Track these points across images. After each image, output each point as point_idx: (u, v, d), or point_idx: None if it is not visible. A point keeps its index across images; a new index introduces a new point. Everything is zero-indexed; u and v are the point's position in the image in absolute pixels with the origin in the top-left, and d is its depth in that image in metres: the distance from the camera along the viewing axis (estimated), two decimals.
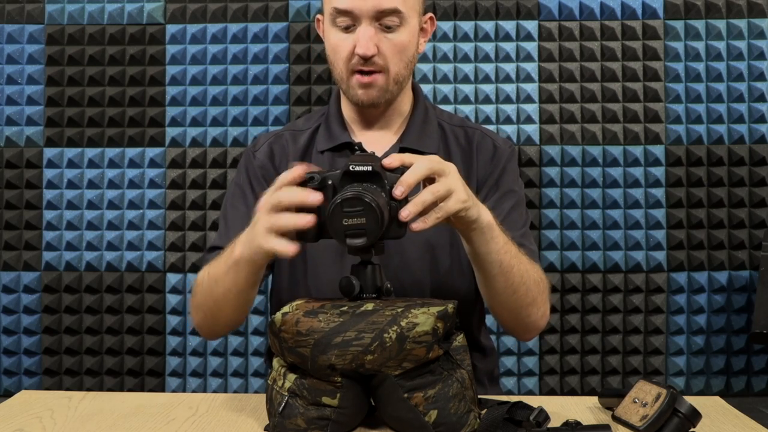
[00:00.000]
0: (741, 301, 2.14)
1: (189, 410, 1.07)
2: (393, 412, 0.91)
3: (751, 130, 2.15)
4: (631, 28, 2.18)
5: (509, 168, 1.31)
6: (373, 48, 1.18)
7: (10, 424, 1.00)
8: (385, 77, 1.21)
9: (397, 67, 1.22)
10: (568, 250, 2.17)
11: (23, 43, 2.22)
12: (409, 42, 1.22)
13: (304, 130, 1.34)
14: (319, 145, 1.29)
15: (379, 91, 1.22)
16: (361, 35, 1.18)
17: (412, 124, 1.29)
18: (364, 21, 1.18)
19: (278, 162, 1.30)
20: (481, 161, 1.29)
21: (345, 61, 1.21)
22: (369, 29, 1.18)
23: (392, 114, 1.30)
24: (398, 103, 1.29)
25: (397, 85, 1.24)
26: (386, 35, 1.20)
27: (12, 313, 2.20)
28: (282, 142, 1.32)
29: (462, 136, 1.32)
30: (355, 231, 0.92)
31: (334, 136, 1.28)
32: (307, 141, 1.31)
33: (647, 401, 0.94)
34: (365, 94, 1.22)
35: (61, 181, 2.21)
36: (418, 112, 1.31)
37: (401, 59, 1.22)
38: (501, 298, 1.14)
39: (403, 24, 1.21)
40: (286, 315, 0.91)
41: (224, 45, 2.21)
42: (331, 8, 1.20)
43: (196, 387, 2.20)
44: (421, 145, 1.27)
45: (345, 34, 1.20)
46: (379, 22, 1.19)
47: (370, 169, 0.94)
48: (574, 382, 2.17)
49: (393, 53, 1.20)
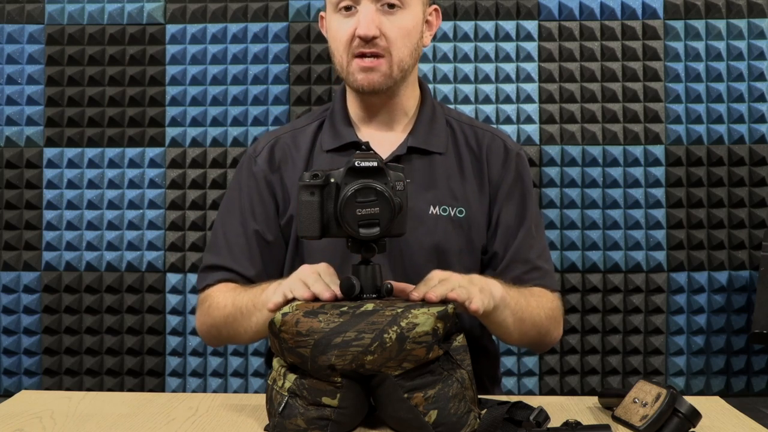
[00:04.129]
0: (741, 301, 2.14)
1: (189, 410, 1.07)
2: (393, 412, 0.91)
3: (751, 130, 2.15)
4: (631, 28, 2.18)
5: (523, 174, 1.28)
6: (375, 29, 1.15)
7: (10, 424, 1.00)
8: (387, 62, 1.17)
9: (401, 52, 1.18)
10: (568, 250, 2.17)
11: (23, 43, 2.22)
12: (413, 27, 1.19)
13: (304, 127, 1.31)
14: (325, 144, 1.26)
15: (381, 76, 1.18)
16: (362, 16, 1.15)
17: (420, 122, 1.26)
18: (365, 1, 1.16)
19: (280, 165, 1.28)
20: (493, 165, 1.27)
21: (345, 45, 1.17)
22: (370, 8, 1.15)
23: (397, 109, 1.27)
24: (403, 98, 1.26)
25: (401, 73, 1.20)
26: (388, 17, 1.17)
27: (12, 313, 2.20)
28: (282, 145, 1.29)
29: (472, 135, 1.29)
30: (369, 221, 0.93)
31: (340, 134, 1.25)
32: (311, 140, 1.28)
33: (647, 401, 0.94)
34: (366, 78, 1.18)
35: (61, 181, 2.21)
36: (425, 109, 1.28)
37: (405, 44, 1.18)
38: (512, 341, 1.19)
39: (405, 6, 1.17)
40: (286, 315, 0.91)
41: (224, 45, 2.21)
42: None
43: (196, 387, 2.19)
44: (429, 144, 1.25)
45: (346, 20, 1.18)
46: (380, 3, 1.16)
47: (375, 165, 0.94)
48: (574, 382, 2.17)
49: (396, 36, 1.17)
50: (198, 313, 1.28)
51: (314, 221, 0.98)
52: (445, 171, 1.25)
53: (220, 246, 1.27)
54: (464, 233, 1.23)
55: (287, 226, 1.26)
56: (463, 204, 1.24)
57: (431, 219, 1.22)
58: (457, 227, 1.23)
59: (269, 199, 1.27)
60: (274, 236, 1.26)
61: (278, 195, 1.27)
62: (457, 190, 1.24)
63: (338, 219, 0.95)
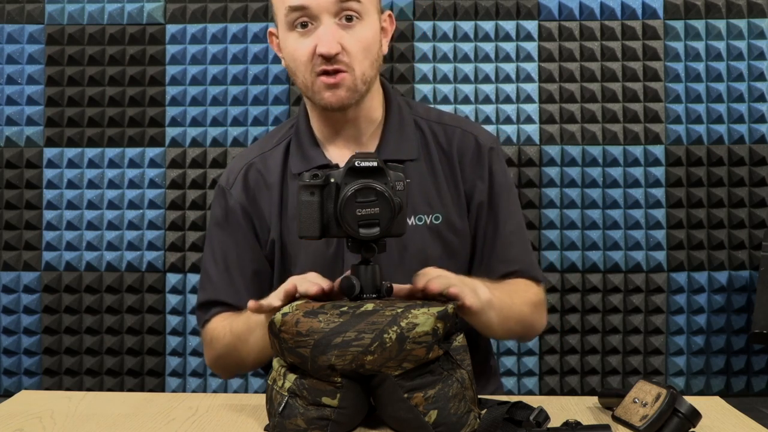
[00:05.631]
0: (741, 301, 2.14)
1: (189, 410, 1.07)
2: (393, 412, 0.91)
3: (751, 130, 2.15)
4: (631, 28, 2.18)
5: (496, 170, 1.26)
6: (336, 45, 1.12)
7: (10, 424, 1.00)
8: (351, 76, 1.14)
9: (363, 66, 1.15)
10: (568, 250, 2.17)
11: (23, 43, 2.22)
12: (372, 38, 1.16)
13: (272, 150, 1.27)
14: (294, 168, 1.23)
15: (347, 90, 1.15)
16: (322, 33, 1.12)
17: (388, 131, 1.23)
18: (323, 17, 1.13)
19: (255, 194, 1.25)
20: (466, 164, 1.25)
21: (306, 64, 1.14)
22: (330, 25, 1.12)
23: (363, 121, 1.23)
24: (368, 109, 1.23)
25: (365, 85, 1.17)
26: (348, 31, 1.14)
27: (12, 313, 2.20)
28: (254, 172, 1.26)
29: (441, 134, 1.26)
30: (369, 221, 0.93)
31: (308, 157, 1.22)
32: (281, 163, 1.25)
33: (647, 401, 0.94)
34: (333, 95, 1.15)
35: (61, 181, 2.21)
36: (392, 115, 1.25)
37: (366, 57, 1.15)
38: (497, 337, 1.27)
39: (363, 19, 1.15)
40: (286, 315, 0.91)
41: (224, 45, 2.21)
42: (285, 8, 1.15)
43: (196, 387, 2.20)
44: (400, 153, 1.21)
45: (303, 38, 1.14)
46: (338, 18, 1.13)
47: (375, 165, 0.95)
48: (574, 382, 2.17)
49: (357, 50, 1.14)
50: (204, 351, 1.29)
51: (314, 221, 0.98)
52: (418, 178, 1.22)
53: (211, 282, 1.27)
54: (443, 239, 1.23)
55: (270, 252, 1.25)
56: (438, 210, 1.22)
57: (408, 230, 1.19)
58: (434, 234, 1.22)
59: (248, 230, 1.26)
60: (260, 265, 1.26)
61: (256, 223, 1.26)
62: (431, 197, 1.22)
63: (338, 219, 0.95)
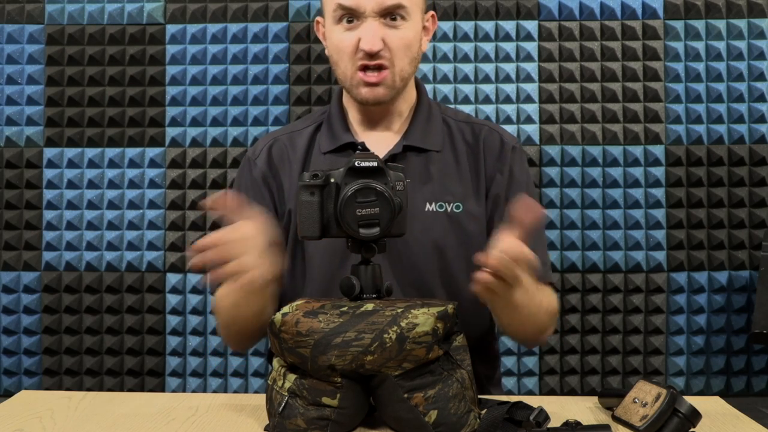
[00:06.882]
0: (741, 301, 2.14)
1: (189, 410, 1.07)
2: (393, 412, 0.91)
3: (751, 130, 2.15)
4: (631, 28, 2.18)
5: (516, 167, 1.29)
6: (379, 43, 1.17)
7: (10, 424, 1.00)
8: (391, 73, 1.20)
9: (402, 62, 1.21)
10: (568, 250, 2.17)
11: (23, 43, 2.22)
12: (413, 37, 1.22)
13: (302, 129, 1.32)
14: (323, 146, 1.28)
15: (385, 89, 1.21)
16: (366, 30, 1.18)
17: (416, 121, 1.28)
18: (368, 17, 1.18)
19: (278, 166, 1.29)
20: (489, 158, 1.28)
21: (350, 58, 1.20)
22: (374, 24, 1.18)
23: (395, 112, 1.29)
24: (401, 101, 1.28)
25: (403, 82, 1.23)
26: (391, 30, 1.19)
27: (12, 313, 2.20)
28: (280, 146, 1.31)
29: (468, 132, 1.30)
30: (369, 221, 0.93)
31: (337, 136, 1.27)
32: (308, 141, 1.30)
33: (647, 401, 0.94)
34: (371, 92, 1.21)
35: (61, 181, 2.21)
36: (421, 108, 1.30)
37: (406, 55, 1.21)
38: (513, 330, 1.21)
39: (407, 19, 1.20)
40: (286, 315, 0.91)
41: (224, 45, 2.21)
42: (335, 5, 1.19)
43: (196, 387, 2.20)
44: (425, 142, 1.26)
45: (348, 32, 1.20)
46: (383, 19, 1.19)
47: (375, 165, 0.95)
48: (574, 382, 2.17)
49: (398, 48, 1.19)
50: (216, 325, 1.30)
51: (314, 221, 0.98)
52: (442, 168, 1.26)
53: None
54: (462, 228, 1.24)
55: (286, 226, 1.27)
56: (459, 199, 1.25)
57: (428, 215, 1.23)
58: (454, 222, 1.24)
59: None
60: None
61: (275, 195, 1.29)
62: (453, 186, 1.25)
63: (338, 219, 0.95)
